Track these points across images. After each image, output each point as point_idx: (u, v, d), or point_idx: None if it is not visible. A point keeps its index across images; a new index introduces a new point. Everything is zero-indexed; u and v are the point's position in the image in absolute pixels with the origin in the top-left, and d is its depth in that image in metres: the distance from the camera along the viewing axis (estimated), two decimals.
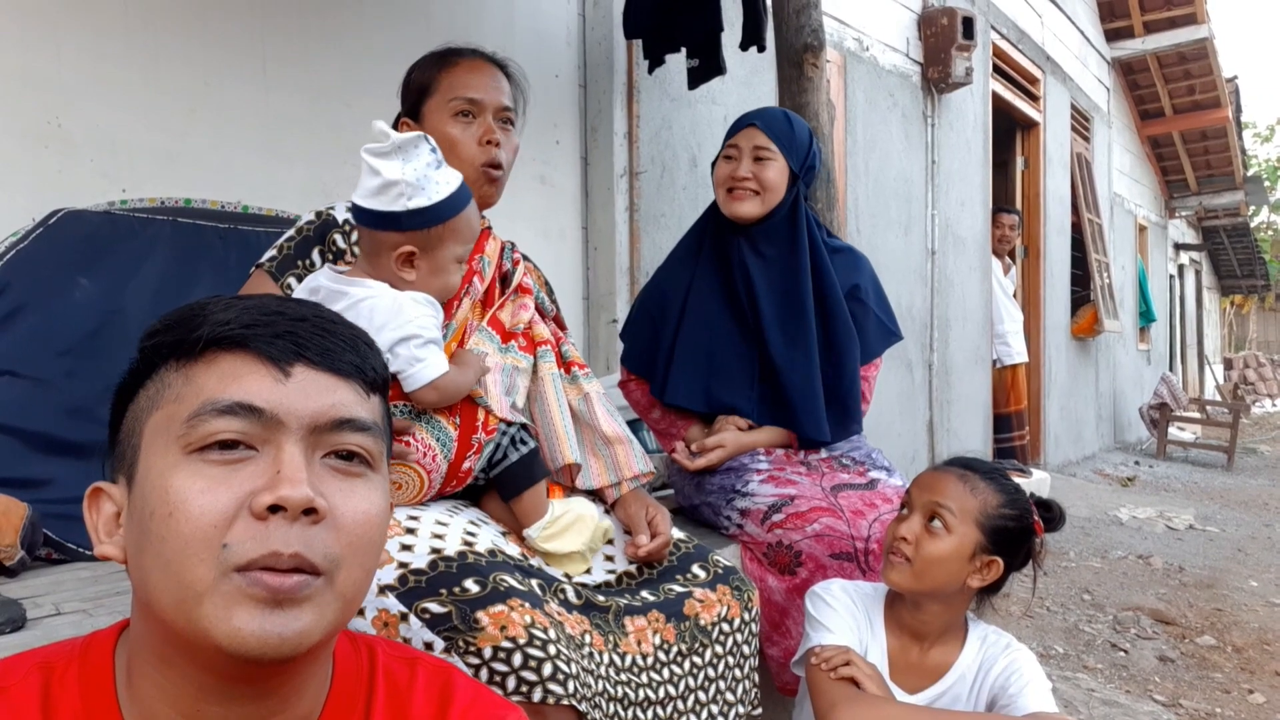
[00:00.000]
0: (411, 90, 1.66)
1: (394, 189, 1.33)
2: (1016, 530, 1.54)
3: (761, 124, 2.07)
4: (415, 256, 1.37)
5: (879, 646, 1.59)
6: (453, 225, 1.38)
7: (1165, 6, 9.14)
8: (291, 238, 1.54)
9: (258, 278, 1.51)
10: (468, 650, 1.18)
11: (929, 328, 5.74)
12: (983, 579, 1.53)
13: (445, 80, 1.62)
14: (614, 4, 3.54)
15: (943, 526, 1.51)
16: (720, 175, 2.11)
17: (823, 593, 1.63)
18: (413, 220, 1.34)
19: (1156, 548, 4.94)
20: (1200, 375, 16.21)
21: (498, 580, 1.26)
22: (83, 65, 2.24)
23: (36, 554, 1.66)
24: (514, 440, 1.48)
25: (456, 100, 1.59)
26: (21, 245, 1.96)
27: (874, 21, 5.21)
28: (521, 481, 1.47)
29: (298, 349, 0.73)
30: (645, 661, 1.39)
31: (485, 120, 1.61)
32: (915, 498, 1.56)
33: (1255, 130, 27.60)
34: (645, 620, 1.43)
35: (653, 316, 2.21)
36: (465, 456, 1.44)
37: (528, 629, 1.20)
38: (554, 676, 1.17)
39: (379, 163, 1.33)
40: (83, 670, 0.74)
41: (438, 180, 1.36)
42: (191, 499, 0.67)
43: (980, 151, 6.44)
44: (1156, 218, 12.28)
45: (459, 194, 1.39)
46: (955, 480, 1.55)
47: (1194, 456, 9.48)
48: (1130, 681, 3.10)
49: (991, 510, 1.52)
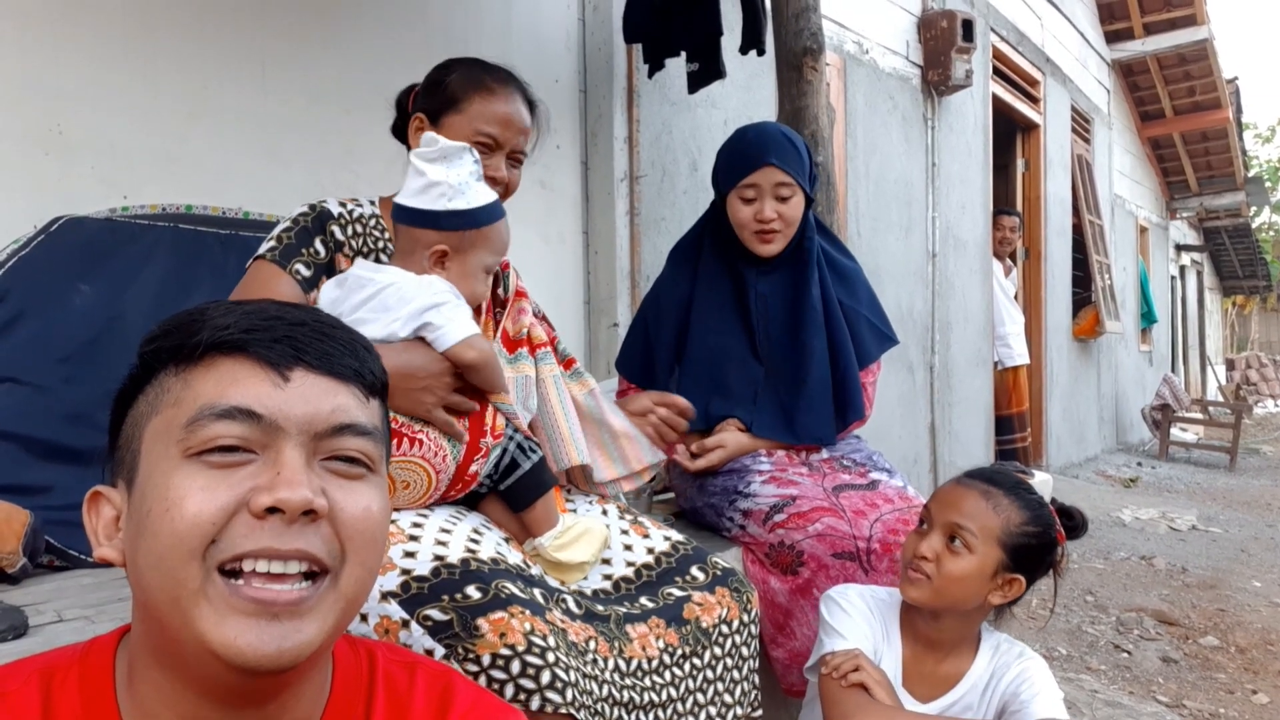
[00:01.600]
0: (441, 93, 1.65)
1: (436, 189, 1.41)
2: (1039, 546, 1.51)
3: (777, 160, 2.01)
4: (448, 257, 1.43)
5: (894, 655, 1.58)
6: (486, 233, 1.45)
7: (1165, 8, 9.15)
8: (289, 228, 1.53)
9: (260, 268, 1.49)
10: (466, 657, 1.18)
11: (930, 330, 5.73)
12: (1004, 596, 1.51)
13: (477, 105, 1.63)
14: (613, 8, 3.54)
15: (964, 546, 1.48)
16: (743, 217, 2.05)
17: (839, 598, 1.61)
18: (451, 221, 1.42)
19: (1159, 549, 4.93)
20: (1202, 376, 16.20)
21: (500, 587, 1.26)
22: (83, 71, 2.24)
23: (38, 561, 1.66)
24: (521, 448, 1.49)
25: (481, 133, 1.62)
26: (22, 252, 1.96)
27: (873, 24, 5.22)
28: (532, 492, 1.48)
29: (296, 353, 0.73)
30: (650, 665, 1.39)
31: (498, 159, 1.64)
32: (936, 514, 1.53)
33: (1256, 131, 27.62)
34: (646, 626, 1.43)
35: (651, 330, 2.19)
36: (473, 459, 1.44)
37: (527, 636, 1.20)
38: (552, 685, 1.17)
39: (425, 165, 1.42)
40: (83, 675, 0.74)
41: (478, 188, 1.44)
42: (190, 496, 0.67)
43: (981, 154, 6.44)
44: (1157, 219, 12.27)
45: (495, 206, 1.47)
46: (977, 497, 1.51)
47: (1196, 457, 9.47)
48: (1134, 682, 3.10)
49: (1014, 529, 1.49)
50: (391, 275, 1.40)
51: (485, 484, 1.49)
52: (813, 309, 2.08)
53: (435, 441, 1.39)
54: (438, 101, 1.65)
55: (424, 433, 1.38)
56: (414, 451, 1.38)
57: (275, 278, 1.48)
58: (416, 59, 1.70)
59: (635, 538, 1.62)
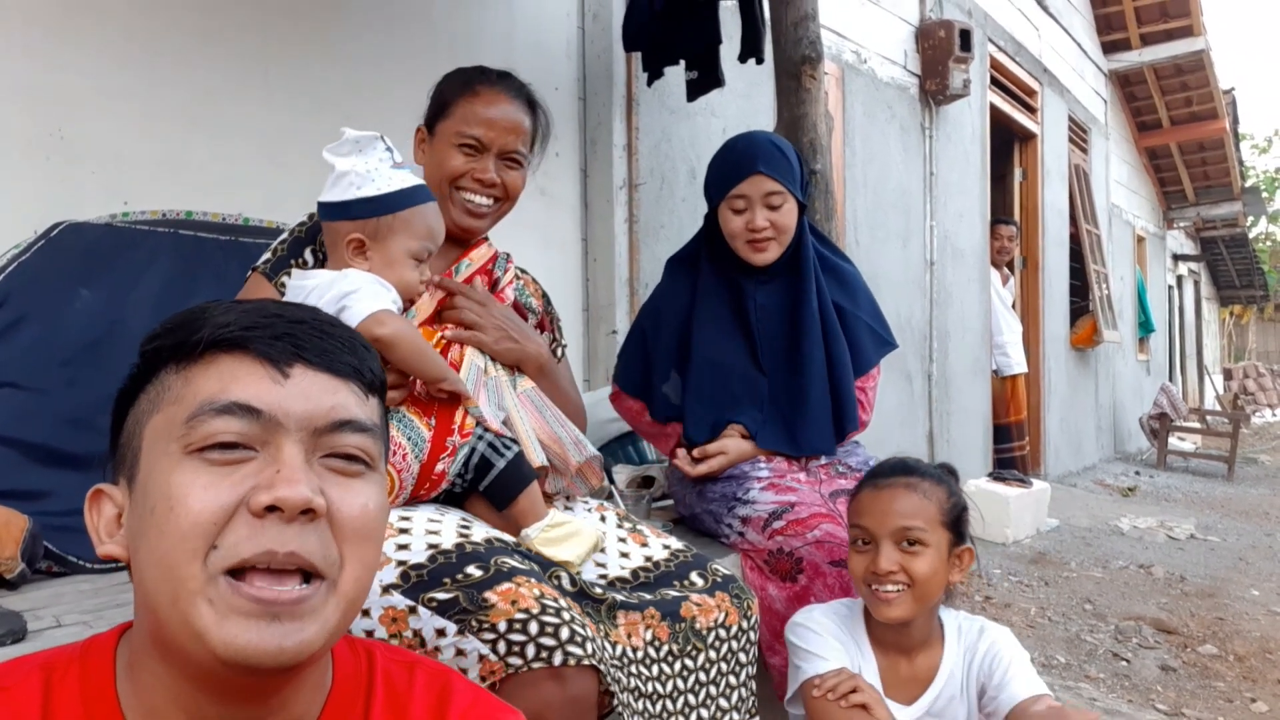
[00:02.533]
0: (435, 101, 1.69)
1: (345, 179, 1.40)
2: (963, 508, 1.55)
3: (766, 168, 2.01)
4: (366, 247, 1.41)
5: (869, 666, 1.57)
6: (403, 217, 1.42)
7: (1162, 19, 9.18)
8: (284, 240, 1.58)
9: (254, 280, 1.54)
10: (481, 628, 1.18)
11: (928, 339, 5.74)
12: (961, 570, 1.54)
13: (462, 108, 1.64)
14: (613, 17, 3.56)
15: (919, 544, 1.50)
16: (734, 228, 2.05)
17: (805, 621, 1.61)
18: (361, 208, 1.40)
19: (1158, 557, 4.93)
20: (1200, 385, 16.21)
21: (500, 563, 1.27)
22: (84, 77, 2.25)
23: (37, 567, 1.66)
24: (493, 446, 1.47)
25: (464, 135, 1.63)
26: (23, 257, 1.97)
27: (872, 34, 5.24)
28: (512, 487, 1.47)
29: (296, 350, 0.73)
30: (635, 654, 1.38)
31: (486, 160, 1.64)
32: (875, 528, 1.52)
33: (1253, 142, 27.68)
34: (640, 615, 1.41)
35: (650, 339, 2.19)
36: (439, 458, 1.43)
37: (539, 599, 1.21)
38: (572, 639, 1.18)
39: (336, 159, 1.41)
40: (84, 670, 0.74)
41: (390, 175, 1.42)
42: (192, 495, 0.68)
43: (978, 163, 6.46)
44: (1155, 229, 12.30)
45: (413, 191, 1.44)
46: (906, 493, 1.52)
47: (1194, 466, 9.47)
48: (1132, 691, 3.09)
49: (947, 505, 1.52)
50: (316, 278, 1.39)
51: (458, 484, 1.47)
52: (811, 319, 2.09)
53: (394, 441, 1.38)
54: (432, 110, 1.68)
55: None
56: None
57: (267, 292, 1.51)
58: (418, 67, 1.72)
59: (633, 546, 1.62)
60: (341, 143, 1.41)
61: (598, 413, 2.52)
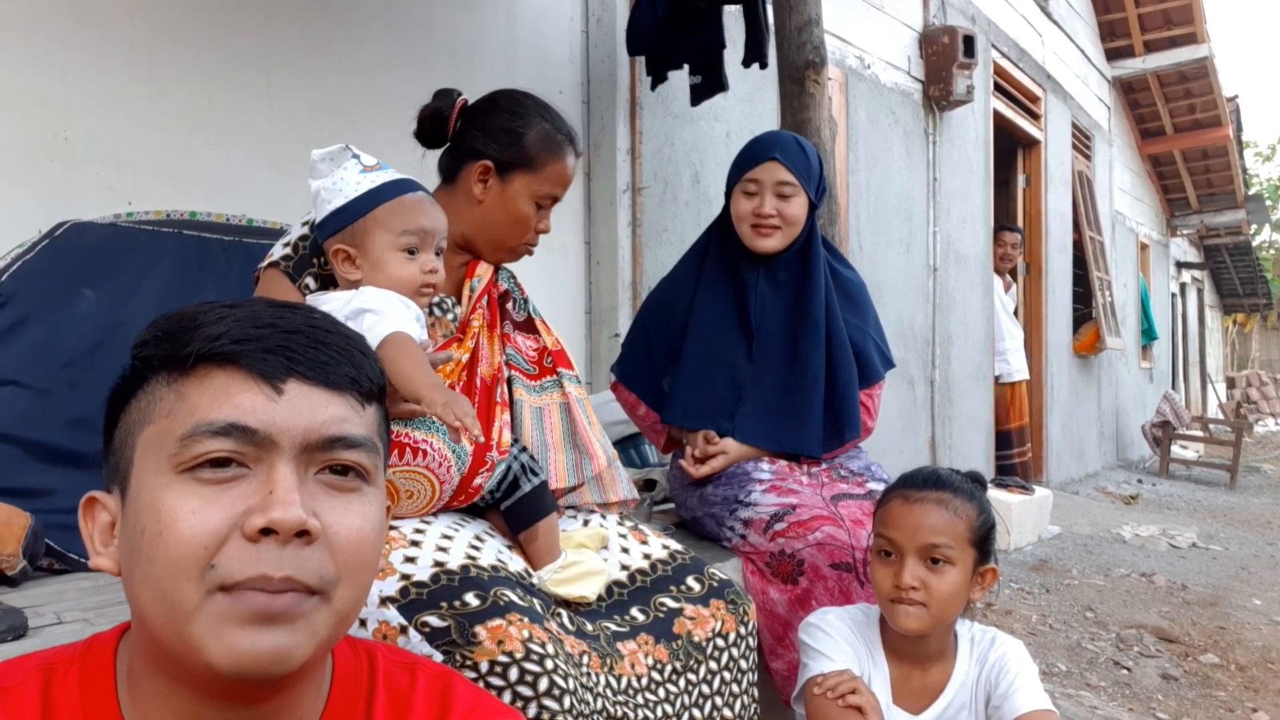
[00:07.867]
0: (517, 148, 1.65)
1: (320, 199, 1.41)
2: (992, 527, 1.52)
3: (782, 158, 2.04)
4: (353, 256, 1.40)
5: (881, 674, 1.56)
6: (374, 216, 1.39)
7: (1165, 26, 9.19)
8: (305, 236, 1.52)
9: (272, 277, 1.48)
10: (464, 664, 1.18)
11: (930, 344, 5.74)
12: (983, 588, 1.52)
13: (552, 169, 1.67)
14: (617, 21, 3.56)
15: (945, 561, 1.47)
16: (742, 211, 2.08)
17: (819, 622, 1.59)
18: (334, 221, 1.40)
19: (1159, 566, 4.93)
20: (1203, 393, 16.19)
21: (498, 595, 1.27)
22: (88, 79, 2.26)
23: (38, 564, 1.66)
24: (525, 469, 1.49)
25: (546, 195, 1.68)
26: (26, 257, 1.97)
27: (875, 39, 5.25)
28: (531, 515, 1.48)
29: (290, 364, 0.71)
30: (640, 683, 1.38)
31: (546, 215, 1.70)
32: (903, 541, 1.48)
33: (1256, 149, 27.70)
34: (635, 644, 1.42)
35: (651, 332, 2.21)
36: (478, 472, 1.45)
37: (525, 643, 1.20)
38: (549, 692, 1.17)
39: (312, 182, 1.41)
40: (84, 671, 0.74)
41: (358, 180, 1.40)
42: (182, 519, 0.66)
43: (981, 169, 6.47)
44: (1158, 236, 12.30)
45: (381, 189, 1.41)
46: (938, 509, 1.48)
47: (1197, 475, 9.45)
48: (1133, 699, 3.09)
49: (976, 524, 1.49)
50: (329, 303, 1.35)
51: (487, 499, 1.49)
52: (815, 321, 2.09)
53: (439, 452, 1.39)
54: (512, 156, 1.64)
55: (428, 443, 1.38)
56: (418, 462, 1.38)
57: (288, 291, 1.47)
58: (421, 70, 1.72)
59: (633, 543, 1.63)
60: (315, 165, 1.42)
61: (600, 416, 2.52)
